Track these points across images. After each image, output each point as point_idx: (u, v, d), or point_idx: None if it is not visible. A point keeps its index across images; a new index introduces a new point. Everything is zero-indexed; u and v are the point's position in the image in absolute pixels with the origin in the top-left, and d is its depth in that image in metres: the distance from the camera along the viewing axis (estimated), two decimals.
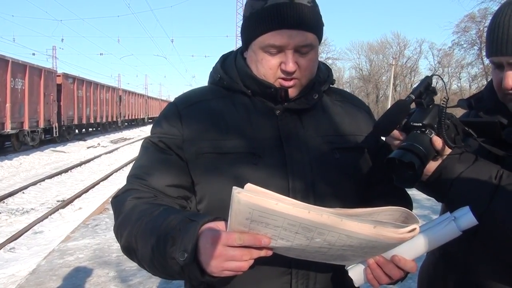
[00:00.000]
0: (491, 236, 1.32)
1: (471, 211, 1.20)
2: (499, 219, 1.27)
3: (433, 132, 1.32)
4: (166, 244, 1.12)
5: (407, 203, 1.49)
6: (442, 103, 1.34)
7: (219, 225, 1.10)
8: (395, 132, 1.37)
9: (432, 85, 1.37)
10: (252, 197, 0.97)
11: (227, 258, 1.04)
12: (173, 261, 1.11)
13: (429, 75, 1.39)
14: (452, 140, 1.34)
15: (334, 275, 1.39)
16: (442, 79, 1.52)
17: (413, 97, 1.33)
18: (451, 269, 1.54)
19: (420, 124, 1.33)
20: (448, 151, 1.35)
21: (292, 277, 1.35)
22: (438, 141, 1.31)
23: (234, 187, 0.99)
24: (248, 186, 1.04)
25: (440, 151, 1.33)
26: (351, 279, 1.27)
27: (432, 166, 1.35)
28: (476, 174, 1.33)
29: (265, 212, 0.98)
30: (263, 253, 1.08)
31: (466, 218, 1.19)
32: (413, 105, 1.37)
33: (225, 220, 1.09)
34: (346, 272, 1.28)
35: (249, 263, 1.07)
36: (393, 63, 58.86)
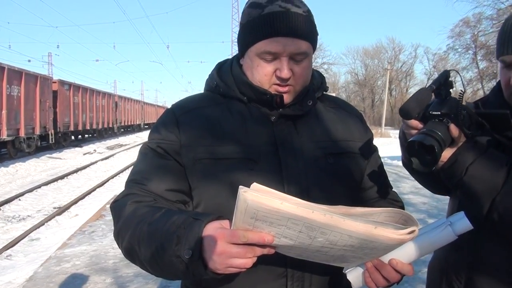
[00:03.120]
0: (502, 223, 1.38)
1: (466, 216, 1.25)
2: (509, 205, 1.34)
3: (450, 121, 1.38)
4: (171, 243, 1.14)
5: (400, 207, 1.52)
6: (459, 96, 1.42)
7: (223, 223, 1.12)
8: (414, 122, 1.42)
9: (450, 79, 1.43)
10: (258, 196, 1.00)
11: (231, 255, 1.07)
12: (178, 260, 1.13)
13: (448, 69, 1.44)
14: (467, 130, 1.41)
15: (329, 277, 1.42)
16: (459, 74, 1.59)
17: (434, 86, 1.39)
18: (463, 260, 1.60)
19: (439, 113, 1.39)
20: (463, 139, 1.42)
21: (287, 279, 1.37)
22: (455, 129, 1.37)
23: (240, 187, 1.01)
24: (254, 185, 1.06)
25: (456, 138, 1.39)
26: (349, 282, 1.30)
27: (448, 153, 1.41)
28: (489, 161, 1.40)
29: (270, 211, 1.00)
30: (266, 251, 1.10)
31: (461, 223, 1.23)
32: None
33: (229, 219, 1.10)
34: (344, 275, 1.30)
35: (253, 260, 1.09)
36: (388, 68, 59.02)
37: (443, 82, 1.39)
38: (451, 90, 1.42)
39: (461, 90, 1.42)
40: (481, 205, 1.40)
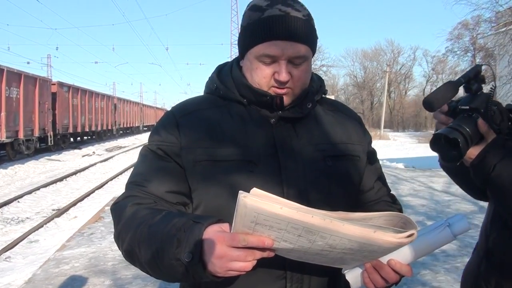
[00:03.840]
0: None
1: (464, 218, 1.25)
2: None
3: (479, 116, 1.36)
4: (171, 246, 1.15)
5: (398, 210, 1.52)
6: (490, 91, 1.39)
7: (223, 226, 1.13)
8: (443, 117, 1.42)
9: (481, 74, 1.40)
10: (258, 201, 1.00)
11: (231, 258, 1.07)
12: (178, 262, 1.13)
13: (479, 64, 1.43)
14: (497, 126, 1.39)
15: (327, 279, 1.42)
16: (492, 68, 1.56)
17: (463, 80, 1.37)
18: (493, 266, 1.59)
19: (468, 108, 1.38)
20: (493, 135, 1.39)
21: (286, 281, 1.37)
22: (483, 124, 1.36)
23: (240, 191, 1.02)
24: (254, 190, 1.07)
25: (485, 134, 1.37)
26: (348, 283, 1.30)
27: (476, 149, 1.39)
28: None
29: (270, 216, 1.01)
30: (265, 254, 1.10)
31: (459, 224, 1.24)
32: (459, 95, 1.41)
33: (229, 222, 1.11)
34: (343, 275, 1.31)
35: (253, 264, 1.10)
36: (387, 70, 59.04)
37: (472, 76, 1.37)
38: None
39: (492, 85, 1.40)
40: (508, 204, 1.38)
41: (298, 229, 1.04)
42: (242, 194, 1.01)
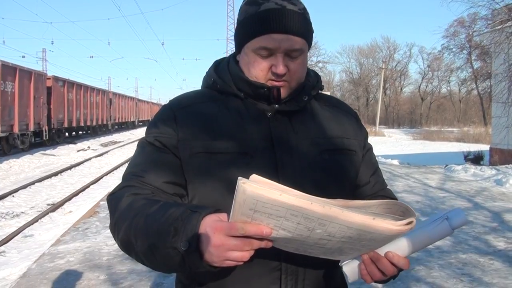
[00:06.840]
0: None
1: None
2: None
3: None
4: (168, 235, 1.15)
5: None
6: None
7: (221, 216, 1.12)
8: None
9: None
10: (257, 188, 1.00)
11: (229, 248, 1.07)
12: (175, 251, 1.13)
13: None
14: None
15: (323, 271, 1.43)
16: None
17: None
18: None
19: None
20: None
21: (281, 273, 1.38)
22: None
23: (239, 178, 1.01)
24: (253, 177, 1.07)
25: None
26: (345, 275, 1.30)
27: None
28: None
29: (269, 203, 1.01)
30: (263, 244, 1.10)
31: (458, 217, 1.24)
32: None
33: (227, 212, 1.11)
34: (339, 268, 1.31)
35: (250, 253, 1.09)
36: (383, 67, 59.13)
37: None
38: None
39: None
40: None
41: (297, 216, 1.03)
42: (241, 181, 1.00)
